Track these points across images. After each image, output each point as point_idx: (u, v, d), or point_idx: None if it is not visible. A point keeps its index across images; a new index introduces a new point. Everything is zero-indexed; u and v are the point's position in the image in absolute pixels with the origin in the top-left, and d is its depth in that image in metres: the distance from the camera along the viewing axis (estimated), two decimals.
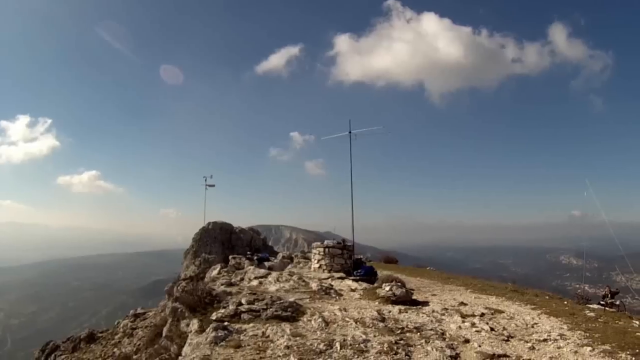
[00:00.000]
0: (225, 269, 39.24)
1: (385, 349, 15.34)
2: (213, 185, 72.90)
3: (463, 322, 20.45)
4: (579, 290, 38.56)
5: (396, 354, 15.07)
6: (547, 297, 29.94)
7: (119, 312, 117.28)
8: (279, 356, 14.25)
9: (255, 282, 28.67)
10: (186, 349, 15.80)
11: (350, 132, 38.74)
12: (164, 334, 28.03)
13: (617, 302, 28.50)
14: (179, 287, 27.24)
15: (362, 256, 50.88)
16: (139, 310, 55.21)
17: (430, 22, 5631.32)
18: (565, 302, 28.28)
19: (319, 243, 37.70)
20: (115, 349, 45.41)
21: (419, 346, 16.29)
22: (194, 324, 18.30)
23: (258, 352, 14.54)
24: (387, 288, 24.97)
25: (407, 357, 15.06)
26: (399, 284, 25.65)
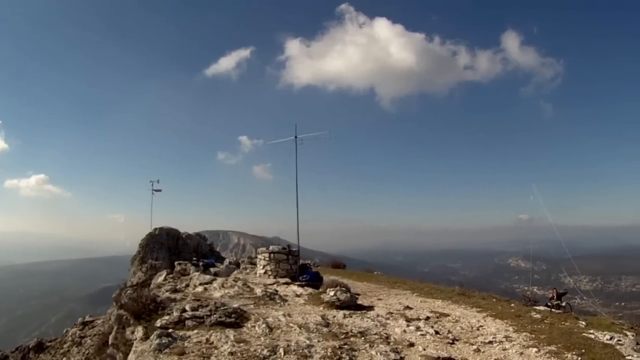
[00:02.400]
0: (171, 275, 38.75)
1: (329, 354, 15.48)
2: (160, 190, 72.14)
3: (408, 325, 20.72)
4: (528, 292, 39.39)
5: (340, 358, 15.24)
6: (494, 300, 30.51)
7: (67, 321, 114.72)
8: None
9: (200, 289, 28.45)
10: (131, 357, 15.60)
11: (295, 137, 38.75)
12: (109, 342, 27.62)
13: (564, 304, 29.12)
14: (125, 294, 26.87)
15: (308, 261, 50.85)
16: (87, 318, 54.19)
17: (383, 28, 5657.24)
18: (513, 305, 28.85)
19: (264, 249, 37.63)
20: (64, 358, 45.06)
21: (363, 350, 16.46)
22: (139, 332, 18.08)
23: (202, 358, 14.55)
24: (332, 293, 25.03)
25: None
26: (344, 288, 25.76)
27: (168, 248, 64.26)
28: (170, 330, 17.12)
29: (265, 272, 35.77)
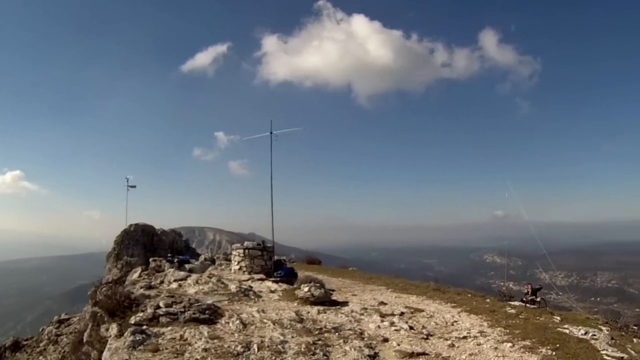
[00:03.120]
0: (145, 272, 38.51)
1: (302, 349, 15.59)
2: (134, 186, 71.48)
3: (382, 321, 20.91)
4: (503, 288, 39.66)
5: (314, 354, 15.32)
6: (469, 295, 30.75)
7: (44, 319, 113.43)
8: (197, 359, 14.30)
9: (174, 285, 28.37)
10: (105, 354, 15.54)
11: (271, 133, 38.57)
12: (84, 340, 27.45)
13: (539, 299, 29.37)
14: (101, 292, 26.68)
15: (283, 257, 50.74)
16: (64, 316, 53.92)
17: (361, 24, 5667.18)
18: (488, 300, 29.12)
19: (238, 245, 37.51)
20: (41, 357, 44.81)
21: (337, 346, 16.57)
22: (113, 329, 18.05)
23: (176, 355, 14.54)
24: (306, 289, 25.11)
25: (325, 357, 15.33)
26: (318, 284, 25.85)
27: (143, 244, 63.78)
28: (144, 327, 17.09)
29: (240, 269, 35.67)
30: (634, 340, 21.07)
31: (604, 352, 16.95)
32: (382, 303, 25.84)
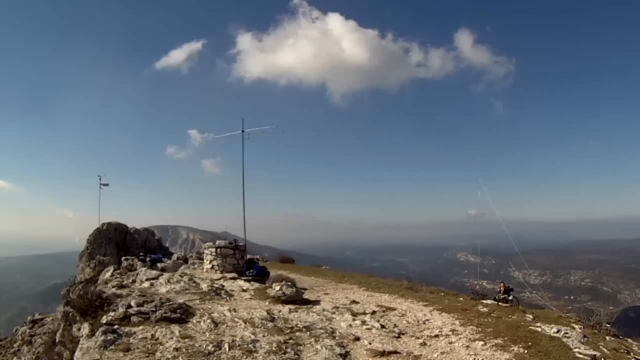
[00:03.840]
0: (118, 271, 38.20)
1: (274, 348, 15.64)
2: (107, 184, 71.06)
3: (354, 320, 21.04)
4: (477, 287, 40.01)
5: (285, 353, 15.38)
6: (442, 294, 31.04)
7: (17, 319, 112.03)
8: (168, 358, 14.28)
9: (146, 284, 28.16)
10: (77, 354, 15.37)
11: (243, 131, 38.48)
12: (57, 340, 27.18)
13: (511, 298, 29.65)
14: (74, 291, 26.44)
15: (256, 256, 50.67)
16: (37, 317, 53.21)
17: (336, 23, 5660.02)
18: (461, 299, 29.40)
19: (210, 243, 37.41)
20: (15, 358, 44.20)
21: (308, 345, 16.64)
22: (85, 328, 17.87)
23: (147, 355, 14.48)
24: (277, 288, 25.14)
25: (296, 356, 15.39)
26: (289, 283, 25.96)
27: (116, 243, 63.50)
28: (115, 327, 16.98)
29: (212, 267, 35.62)
30: (607, 338, 21.37)
31: (576, 350, 17.18)
32: (354, 302, 25.99)
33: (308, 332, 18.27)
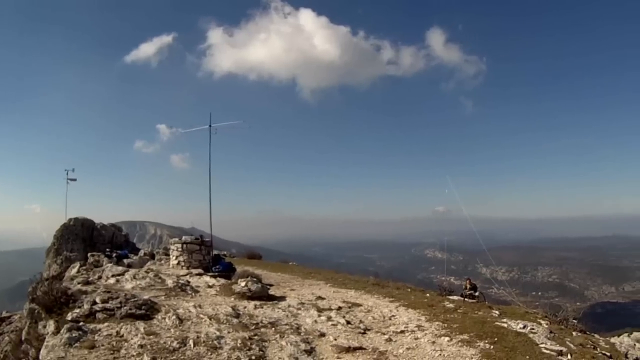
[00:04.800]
0: (84, 267, 37.75)
1: (239, 345, 15.65)
2: (75, 179, 70.10)
3: (319, 316, 21.17)
4: (445, 283, 40.35)
5: (250, 349, 15.39)
6: (409, 290, 31.32)
7: None
8: (133, 355, 14.19)
9: (112, 280, 27.92)
10: (43, 352, 15.20)
11: (210, 126, 38.32)
12: (23, 338, 26.88)
13: (477, 294, 29.99)
14: (40, 288, 26.16)
15: (224, 252, 50.53)
16: (4, 314, 52.28)
17: (308, 19, 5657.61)
18: (427, 295, 29.71)
19: (177, 239, 37.33)
20: None
21: (273, 341, 16.69)
22: (51, 325, 17.73)
23: (112, 352, 14.37)
24: (243, 284, 25.13)
25: (261, 352, 15.40)
26: (255, 279, 25.97)
27: (83, 239, 62.77)
28: (81, 324, 16.79)
29: (179, 263, 35.53)
30: (574, 333, 21.82)
31: (543, 345, 17.54)
32: (320, 298, 26.14)
33: (273, 328, 18.34)
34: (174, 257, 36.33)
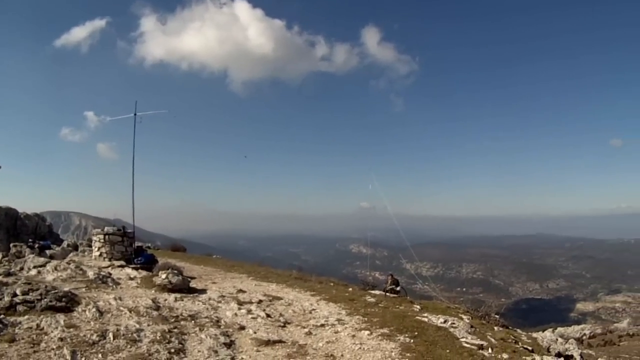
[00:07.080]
0: (6, 258, 36.78)
1: (158, 337, 15.73)
2: None
3: (239, 309, 21.39)
4: (370, 278, 41.12)
5: (169, 342, 15.50)
6: (331, 284, 31.88)
7: None
8: (53, 349, 14.00)
9: (34, 272, 27.31)
10: None
11: (135, 114, 37.84)
12: None
13: (399, 289, 30.67)
14: None
15: (147, 244, 50.04)
16: None
17: (243, 10, 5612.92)
18: (350, 289, 30.29)
19: (99, 230, 36.61)
20: None
21: (193, 334, 16.84)
22: None
23: (32, 345, 14.15)
24: (164, 276, 25.10)
25: (180, 345, 15.54)
26: (176, 271, 25.95)
27: (6, 229, 61.15)
28: (1, 317, 16.50)
29: (101, 255, 34.97)
30: (495, 328, 22.72)
31: (463, 339, 18.20)
32: (241, 291, 26.38)
33: (193, 321, 18.49)
34: (97, 249, 35.74)
